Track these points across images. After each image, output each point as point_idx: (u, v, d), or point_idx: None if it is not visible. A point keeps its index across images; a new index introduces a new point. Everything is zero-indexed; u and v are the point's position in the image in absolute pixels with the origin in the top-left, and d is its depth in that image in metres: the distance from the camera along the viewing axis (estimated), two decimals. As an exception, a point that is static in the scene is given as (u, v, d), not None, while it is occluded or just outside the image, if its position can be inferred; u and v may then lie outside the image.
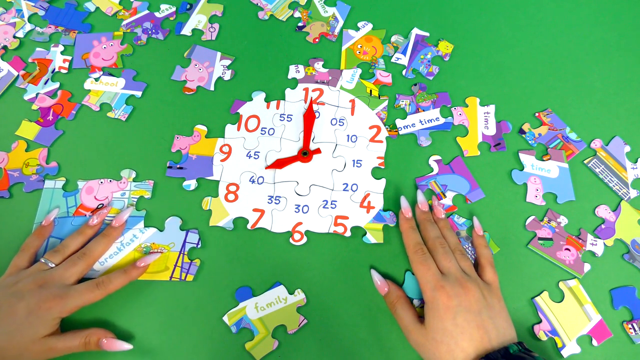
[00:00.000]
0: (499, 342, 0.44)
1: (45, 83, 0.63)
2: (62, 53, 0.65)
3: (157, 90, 0.64)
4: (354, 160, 0.59)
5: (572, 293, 0.54)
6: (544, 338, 0.52)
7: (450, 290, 0.46)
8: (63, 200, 0.57)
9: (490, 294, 0.48)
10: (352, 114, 0.62)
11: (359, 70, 0.64)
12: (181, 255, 0.54)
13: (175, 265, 0.54)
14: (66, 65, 0.64)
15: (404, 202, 0.54)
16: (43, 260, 0.50)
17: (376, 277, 0.52)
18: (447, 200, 0.57)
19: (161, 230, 0.56)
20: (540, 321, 0.52)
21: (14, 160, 0.59)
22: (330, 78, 0.64)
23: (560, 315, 0.53)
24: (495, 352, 0.43)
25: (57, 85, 0.63)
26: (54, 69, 0.64)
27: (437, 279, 0.47)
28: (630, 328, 0.52)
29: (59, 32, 0.67)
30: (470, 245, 0.55)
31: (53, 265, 0.50)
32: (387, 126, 0.61)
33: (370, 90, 0.63)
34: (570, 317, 0.52)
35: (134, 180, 0.58)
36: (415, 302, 0.52)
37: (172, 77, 0.64)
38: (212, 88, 0.64)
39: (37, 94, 0.62)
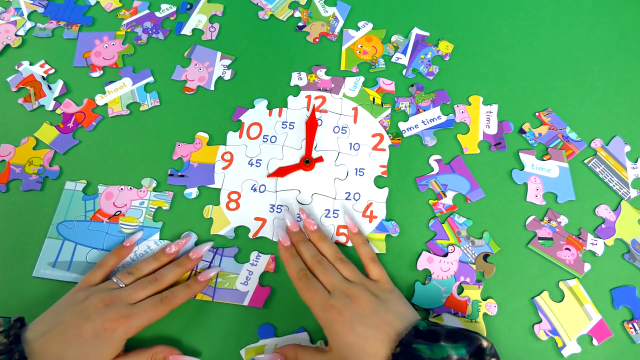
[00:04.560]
0: (404, 326, 0.44)
1: (50, 89, 0.63)
2: (64, 45, 0.66)
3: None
4: (356, 169, 0.59)
5: (572, 293, 0.54)
6: (544, 338, 0.51)
7: (339, 306, 0.45)
8: (82, 204, 0.56)
9: (381, 290, 0.48)
10: (355, 122, 0.62)
11: (362, 78, 0.64)
12: (193, 273, 0.53)
13: None
14: (46, 68, 0.64)
15: (281, 232, 0.54)
16: (115, 280, 0.49)
17: (264, 358, 0.49)
18: (448, 200, 0.57)
19: None
20: (541, 321, 0.52)
21: (20, 155, 0.59)
22: (332, 85, 0.64)
23: (560, 314, 0.53)
24: (407, 335, 0.43)
25: (61, 83, 0.63)
26: (43, 77, 0.63)
27: (324, 299, 0.46)
28: (630, 327, 0.52)
29: (61, 26, 0.67)
30: (470, 244, 0.55)
31: (123, 285, 0.49)
32: (390, 134, 0.61)
33: (373, 98, 0.63)
34: (570, 316, 0.52)
35: (154, 190, 0.57)
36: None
37: (172, 77, 0.64)
38: (212, 88, 0.64)
39: (54, 99, 0.62)
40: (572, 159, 0.60)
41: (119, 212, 0.56)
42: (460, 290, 0.53)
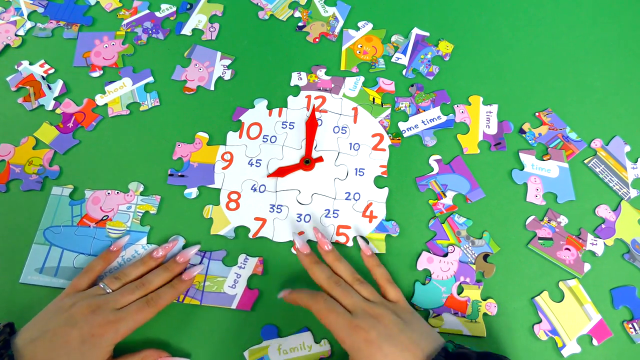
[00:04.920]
0: (433, 347, 0.44)
1: (50, 88, 0.63)
2: (64, 44, 0.65)
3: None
4: (356, 169, 0.59)
5: (572, 293, 0.54)
6: (544, 338, 0.52)
7: (365, 326, 0.44)
8: (69, 209, 0.56)
9: (402, 311, 0.48)
10: (355, 122, 0.62)
11: (362, 78, 0.64)
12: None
13: None
14: (46, 68, 0.64)
15: (282, 293, 0.51)
16: (102, 285, 0.49)
17: None
18: (448, 200, 0.57)
19: None
20: (541, 321, 0.52)
21: (20, 155, 0.59)
22: (332, 85, 0.64)
23: (560, 315, 0.53)
24: (437, 357, 0.42)
25: (61, 82, 0.63)
26: (43, 76, 0.63)
27: (348, 321, 0.45)
28: (630, 327, 0.52)
29: (61, 26, 0.67)
30: (470, 244, 0.55)
31: (110, 291, 0.49)
32: (390, 134, 0.61)
33: (373, 98, 0.63)
34: (570, 316, 0.52)
35: (141, 194, 0.57)
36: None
37: (172, 77, 0.64)
38: (212, 88, 0.64)
39: (54, 99, 0.62)
40: (572, 159, 0.60)
41: (106, 217, 0.56)
42: (460, 290, 0.53)
